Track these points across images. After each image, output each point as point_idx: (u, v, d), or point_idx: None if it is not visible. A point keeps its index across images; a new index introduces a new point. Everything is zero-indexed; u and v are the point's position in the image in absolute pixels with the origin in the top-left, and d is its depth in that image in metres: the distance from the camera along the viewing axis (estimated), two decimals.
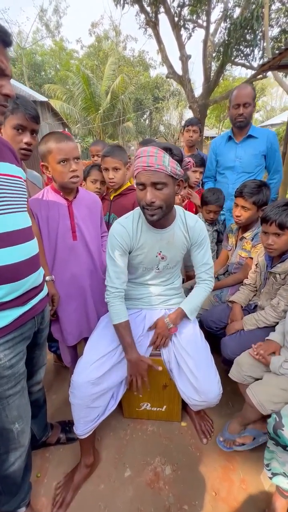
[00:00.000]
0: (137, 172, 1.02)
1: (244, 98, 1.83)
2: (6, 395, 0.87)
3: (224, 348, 1.39)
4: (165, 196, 1.02)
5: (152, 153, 0.97)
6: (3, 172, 0.84)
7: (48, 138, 1.12)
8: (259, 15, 5.95)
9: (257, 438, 1.22)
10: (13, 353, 0.88)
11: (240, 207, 1.51)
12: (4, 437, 0.92)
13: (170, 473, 1.29)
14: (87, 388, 1.11)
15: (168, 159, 0.98)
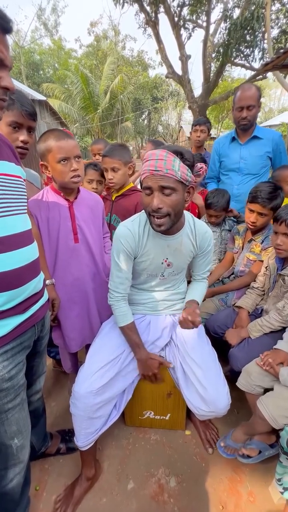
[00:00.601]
0: (144, 176, 0.96)
1: (248, 101, 1.77)
2: (5, 409, 0.82)
3: (233, 360, 1.33)
4: (173, 202, 0.95)
5: (161, 156, 0.91)
6: (2, 172, 0.79)
7: (47, 136, 1.07)
8: (260, 15, 5.93)
9: (263, 451, 1.17)
10: (12, 364, 0.82)
11: (256, 213, 1.44)
12: (2, 453, 0.87)
13: (174, 485, 1.24)
14: (89, 399, 1.05)
15: (178, 164, 0.92)
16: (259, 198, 1.39)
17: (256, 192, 1.41)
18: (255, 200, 1.41)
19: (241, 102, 1.79)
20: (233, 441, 1.23)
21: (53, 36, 23.11)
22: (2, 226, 0.77)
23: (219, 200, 1.72)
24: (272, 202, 1.38)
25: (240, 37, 6.58)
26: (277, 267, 1.32)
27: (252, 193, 1.43)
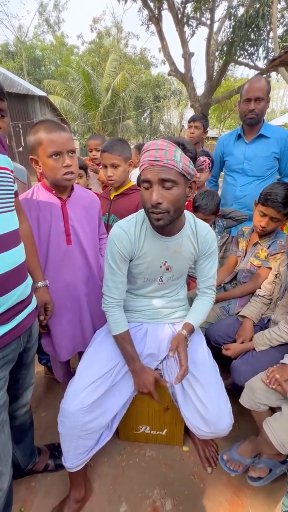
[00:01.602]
0: (143, 168, 0.86)
1: (256, 92, 1.65)
2: None
3: (236, 374, 1.22)
4: (174, 197, 0.86)
5: (161, 146, 0.82)
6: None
7: (37, 128, 0.96)
8: (265, 13, 5.82)
9: (274, 469, 1.08)
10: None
11: (269, 218, 1.32)
12: None
13: (171, 509, 1.15)
14: (78, 417, 0.96)
15: (180, 154, 0.83)
16: (274, 202, 1.27)
17: (271, 195, 1.27)
18: (268, 204, 1.28)
19: (249, 94, 1.67)
20: (239, 454, 1.14)
21: (55, 32, 22.91)
22: None
23: (208, 203, 1.56)
24: (287, 207, 1.27)
25: (244, 35, 6.46)
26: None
27: (266, 195, 1.30)
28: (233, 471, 1.17)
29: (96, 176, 2.35)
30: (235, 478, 1.24)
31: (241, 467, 1.16)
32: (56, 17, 22.94)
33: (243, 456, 1.15)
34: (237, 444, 1.20)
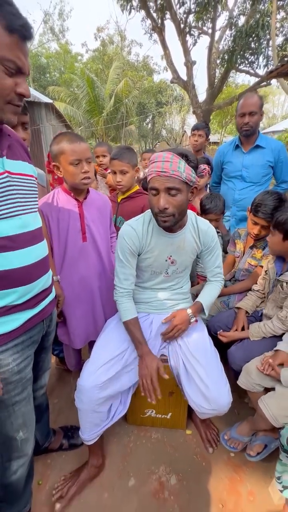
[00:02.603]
0: (151, 177, 1.00)
1: (250, 107, 1.81)
2: (12, 402, 0.85)
3: (232, 358, 1.35)
4: (178, 202, 1.00)
5: (167, 158, 0.95)
6: (16, 172, 0.82)
7: (60, 139, 1.11)
8: (265, 23, 6.02)
9: (269, 445, 1.20)
10: (21, 358, 0.85)
11: (260, 226, 1.45)
12: (7, 445, 0.89)
13: (175, 483, 1.26)
14: (94, 393, 1.08)
15: (183, 165, 0.96)
16: (264, 213, 1.38)
17: (261, 206, 1.38)
18: (259, 215, 1.40)
19: (244, 109, 1.84)
20: (238, 434, 1.25)
21: (59, 40, 23.45)
22: (16, 224, 0.79)
23: (217, 204, 1.74)
24: (278, 214, 1.39)
25: (245, 44, 6.67)
26: (276, 272, 1.35)
27: (257, 206, 1.41)
28: (232, 448, 1.28)
29: (104, 180, 2.50)
30: (234, 458, 1.35)
31: (240, 445, 1.27)
32: (61, 25, 23.52)
33: (242, 435, 1.26)
34: (236, 425, 1.31)
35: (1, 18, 0.62)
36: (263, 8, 6.66)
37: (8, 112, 0.71)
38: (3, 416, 0.84)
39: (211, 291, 1.31)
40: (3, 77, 0.66)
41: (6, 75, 0.66)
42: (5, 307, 0.79)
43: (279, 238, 1.25)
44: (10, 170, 0.78)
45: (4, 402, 0.83)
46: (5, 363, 0.80)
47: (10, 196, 0.77)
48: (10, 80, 0.67)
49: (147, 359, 1.16)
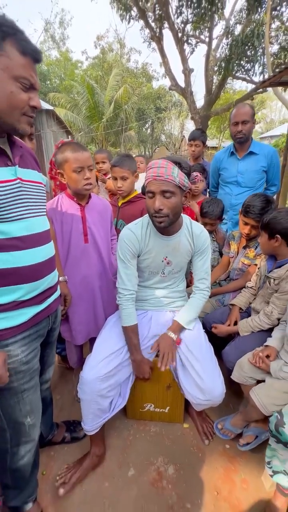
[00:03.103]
0: (147, 181, 1.09)
1: (242, 116, 1.92)
2: (21, 390, 0.92)
3: (226, 357, 1.42)
4: (172, 204, 1.08)
5: (163, 164, 1.05)
6: (28, 179, 0.90)
7: (65, 148, 1.20)
8: (260, 33, 6.20)
9: (260, 435, 1.27)
10: (29, 349, 0.93)
11: (250, 226, 1.55)
12: (16, 431, 0.96)
13: (173, 473, 1.32)
14: (95, 384, 1.15)
15: (177, 171, 1.05)
16: (252, 213, 1.49)
17: (250, 207, 1.50)
18: (249, 215, 1.51)
19: (236, 118, 1.95)
20: (232, 425, 1.32)
21: (60, 48, 23.86)
22: (26, 226, 0.88)
23: (214, 209, 1.83)
24: (263, 216, 1.49)
25: (241, 52, 6.85)
26: (267, 269, 1.43)
27: (246, 207, 1.52)
28: (225, 436, 1.36)
29: (104, 186, 2.60)
30: (229, 449, 1.41)
31: (232, 435, 1.34)
32: (61, 33, 23.96)
33: (235, 427, 1.33)
34: (231, 416, 1.38)
35: (17, 44, 0.72)
36: (258, 17, 6.86)
37: (23, 123, 0.81)
38: (13, 402, 0.91)
39: (192, 306, 1.34)
40: (20, 92, 0.76)
41: (22, 90, 0.76)
42: (14, 302, 0.86)
43: (265, 238, 1.34)
44: (22, 177, 0.87)
45: (13, 389, 0.90)
46: (14, 354, 0.87)
47: (21, 201, 0.85)
48: (25, 95, 0.77)
49: (141, 365, 1.25)
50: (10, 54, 0.71)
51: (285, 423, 0.97)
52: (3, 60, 0.70)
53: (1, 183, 0.80)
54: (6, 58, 0.71)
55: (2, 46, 0.70)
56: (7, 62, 0.71)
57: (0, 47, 0.70)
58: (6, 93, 0.73)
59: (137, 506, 1.20)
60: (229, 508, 1.19)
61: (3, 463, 1.00)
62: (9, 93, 0.73)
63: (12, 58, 0.71)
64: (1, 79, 0.71)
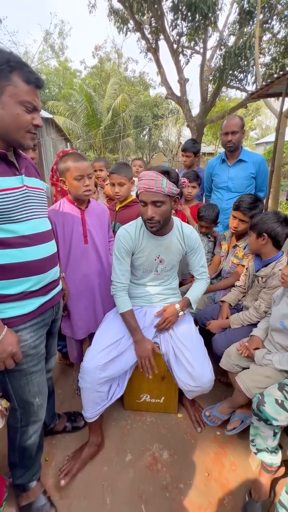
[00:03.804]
0: (140, 192, 1.22)
1: (232, 127, 2.09)
2: (30, 371, 1.02)
3: (215, 344, 1.56)
4: (162, 212, 1.22)
5: (152, 177, 1.18)
6: (32, 186, 1.03)
7: (67, 158, 1.33)
8: (251, 45, 6.46)
9: (245, 420, 1.37)
10: (36, 336, 1.04)
11: (238, 219, 1.70)
12: (25, 410, 1.06)
13: (167, 457, 1.42)
14: (95, 373, 1.26)
15: (166, 182, 1.18)
16: (241, 207, 1.65)
17: (240, 202, 1.67)
18: (238, 209, 1.67)
19: (227, 129, 2.11)
20: (219, 413, 1.43)
21: (59, 57, 24.37)
22: (32, 226, 0.99)
23: (210, 214, 1.97)
24: (252, 211, 1.63)
25: (234, 63, 7.11)
26: (254, 268, 1.55)
27: (236, 203, 1.69)
28: (212, 422, 1.47)
29: (102, 191, 2.73)
30: (220, 436, 1.51)
31: (219, 421, 1.45)
32: (60, 43, 24.49)
33: (222, 413, 1.44)
34: (218, 404, 1.49)
35: (22, 75, 0.86)
36: (250, 30, 7.15)
37: (27, 139, 0.94)
38: (23, 383, 1.02)
39: (197, 288, 1.50)
40: (24, 114, 0.89)
41: (26, 112, 0.89)
42: (23, 292, 0.98)
43: (254, 237, 1.47)
44: (28, 184, 1.00)
45: (23, 371, 1.01)
46: (24, 339, 0.98)
47: (27, 204, 0.98)
48: (29, 116, 0.90)
49: (142, 343, 1.35)
50: (16, 83, 0.85)
51: (265, 402, 1.07)
52: (10, 89, 0.84)
53: (12, 190, 0.92)
54: (13, 87, 0.84)
55: (10, 77, 0.84)
56: (14, 90, 0.84)
57: (8, 78, 0.83)
58: (13, 115, 0.86)
59: (134, 487, 1.29)
60: (219, 487, 1.28)
61: (13, 442, 1.11)
62: (15, 115, 0.87)
63: (18, 86, 0.85)
64: (9, 104, 0.85)
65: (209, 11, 6.27)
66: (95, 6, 8.70)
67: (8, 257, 0.92)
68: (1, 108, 0.85)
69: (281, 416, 1.04)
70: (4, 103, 0.84)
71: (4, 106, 0.85)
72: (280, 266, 1.41)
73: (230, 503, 1.22)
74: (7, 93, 0.84)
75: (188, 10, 6.50)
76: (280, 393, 1.08)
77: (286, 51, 6.94)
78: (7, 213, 0.90)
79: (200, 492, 1.27)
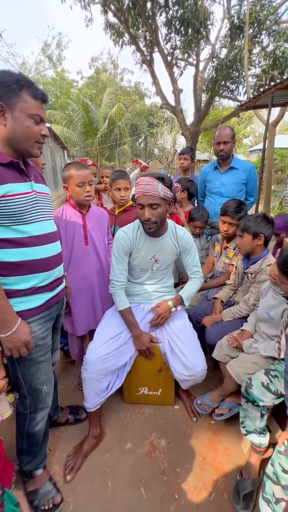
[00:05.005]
0: (137, 196, 1.35)
1: (223, 138, 2.25)
2: (39, 361, 1.12)
3: (208, 335, 1.68)
4: (158, 213, 1.34)
5: (149, 182, 1.31)
6: (40, 191, 1.14)
7: (70, 167, 1.46)
8: (242, 58, 6.76)
9: (233, 409, 1.48)
10: (44, 328, 1.14)
11: (228, 223, 1.83)
12: (34, 397, 1.15)
13: (164, 445, 1.50)
14: (97, 364, 1.36)
15: (161, 186, 1.31)
16: (229, 212, 1.79)
17: (226, 208, 1.81)
18: (226, 214, 1.81)
19: (219, 139, 2.28)
20: (210, 401, 1.53)
21: (56, 68, 24.89)
22: (40, 227, 1.10)
23: (203, 214, 2.13)
24: (238, 214, 1.77)
25: (226, 75, 7.41)
26: (243, 267, 1.68)
27: (223, 208, 1.83)
28: (203, 411, 1.58)
29: (105, 195, 2.88)
30: (214, 424, 1.61)
31: (209, 409, 1.56)
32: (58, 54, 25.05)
33: (212, 401, 1.55)
34: (208, 393, 1.59)
35: (30, 92, 0.98)
36: (241, 44, 7.47)
37: (36, 148, 1.06)
38: (32, 372, 1.11)
39: (190, 287, 1.61)
40: (33, 126, 1.01)
41: (34, 124, 1.01)
42: (32, 288, 1.08)
43: (248, 239, 1.55)
44: (36, 190, 1.11)
45: (33, 360, 1.10)
46: (33, 331, 1.08)
47: (36, 207, 1.09)
48: (37, 127, 1.02)
49: (141, 337, 1.46)
50: (25, 99, 0.97)
51: (253, 385, 1.18)
52: (21, 105, 0.96)
53: (24, 194, 1.03)
54: (23, 102, 0.96)
55: (20, 95, 0.96)
56: (24, 105, 0.97)
57: (19, 95, 0.96)
58: (24, 127, 0.98)
59: (134, 472, 1.38)
60: (213, 470, 1.38)
61: (22, 428, 1.19)
62: (26, 127, 0.99)
63: (27, 102, 0.97)
64: (20, 118, 0.97)
65: (201, 26, 6.58)
66: (92, 20, 9.02)
67: (20, 255, 1.02)
68: (13, 122, 0.97)
69: (266, 397, 1.15)
70: (16, 117, 0.96)
71: (16, 120, 0.96)
72: (267, 263, 1.54)
73: (224, 484, 1.31)
74: (18, 108, 0.96)
75: (181, 25, 6.80)
76: (266, 377, 1.19)
77: (275, 63, 7.25)
78: (20, 215, 1.00)
79: (196, 475, 1.36)
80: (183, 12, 6.47)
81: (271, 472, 0.98)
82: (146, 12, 7.12)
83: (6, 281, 1.01)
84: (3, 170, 0.97)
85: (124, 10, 7.23)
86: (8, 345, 0.99)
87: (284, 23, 7.38)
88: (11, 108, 0.95)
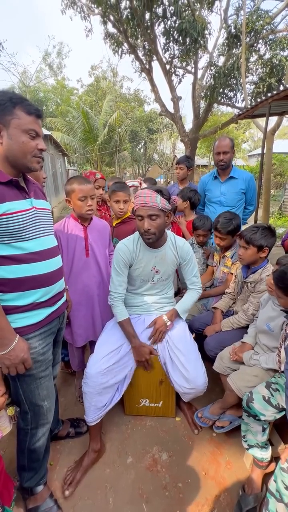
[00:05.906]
0: (137, 207, 1.36)
1: (223, 148, 2.29)
2: (39, 376, 1.12)
3: (207, 346, 1.68)
4: (157, 224, 1.36)
5: (148, 194, 1.33)
6: (40, 207, 1.15)
7: (73, 181, 1.49)
8: (239, 66, 6.87)
9: (233, 421, 1.47)
10: (44, 343, 1.14)
11: (219, 237, 1.87)
12: (35, 413, 1.15)
13: (166, 459, 1.49)
14: (97, 378, 1.35)
15: (159, 198, 1.33)
16: (218, 227, 1.82)
17: (216, 224, 1.83)
18: (216, 229, 1.84)
19: (218, 149, 2.32)
20: (210, 414, 1.52)
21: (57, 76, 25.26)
22: (40, 243, 1.11)
23: (205, 223, 2.14)
24: (227, 229, 1.79)
25: (224, 82, 7.52)
26: (243, 276, 1.69)
27: (214, 223, 1.87)
28: (203, 423, 1.57)
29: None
30: (216, 437, 1.60)
31: (210, 422, 1.55)
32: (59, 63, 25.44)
33: (213, 414, 1.54)
34: (209, 406, 1.58)
35: (23, 108, 0.99)
36: (238, 52, 7.60)
37: (34, 162, 1.07)
38: (33, 387, 1.11)
39: (187, 299, 1.61)
40: (29, 141, 1.02)
41: (30, 139, 1.02)
42: (33, 303, 1.08)
43: (253, 251, 1.54)
44: (36, 206, 1.12)
45: (33, 376, 1.10)
46: (33, 346, 1.09)
47: (36, 224, 1.10)
48: (33, 142, 1.04)
49: (140, 348, 1.46)
50: (19, 116, 0.98)
51: (254, 399, 1.18)
52: (15, 121, 0.97)
53: (23, 212, 1.05)
54: (17, 119, 0.98)
55: (13, 112, 0.97)
56: (18, 122, 0.98)
57: (12, 113, 0.97)
58: (19, 143, 0.99)
59: (135, 487, 1.37)
60: (215, 484, 1.36)
61: (22, 444, 1.19)
62: (21, 143, 1.00)
63: (21, 118, 0.98)
64: (15, 134, 0.98)
65: (198, 36, 6.69)
66: (92, 30, 9.18)
67: (20, 271, 1.03)
68: (9, 139, 0.98)
69: (268, 411, 1.14)
70: (11, 134, 0.97)
71: (11, 137, 0.98)
72: (266, 272, 1.55)
73: (226, 499, 1.30)
74: (13, 125, 0.97)
75: (179, 35, 6.92)
76: (267, 391, 1.19)
77: (272, 71, 7.36)
78: (19, 232, 1.01)
79: (198, 490, 1.34)
80: (181, 23, 6.59)
81: (274, 489, 0.97)
82: (145, 23, 7.26)
83: (5, 298, 1.01)
84: (3, 188, 0.98)
85: (123, 20, 7.37)
86: (5, 362, 0.99)
87: (280, 32, 7.51)
88: (6, 126, 0.96)
